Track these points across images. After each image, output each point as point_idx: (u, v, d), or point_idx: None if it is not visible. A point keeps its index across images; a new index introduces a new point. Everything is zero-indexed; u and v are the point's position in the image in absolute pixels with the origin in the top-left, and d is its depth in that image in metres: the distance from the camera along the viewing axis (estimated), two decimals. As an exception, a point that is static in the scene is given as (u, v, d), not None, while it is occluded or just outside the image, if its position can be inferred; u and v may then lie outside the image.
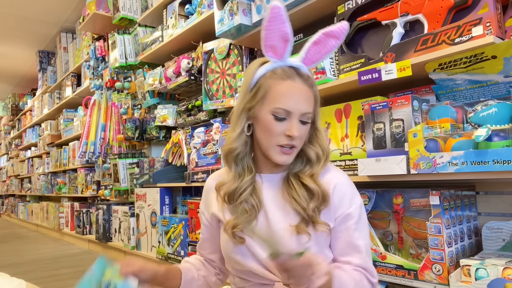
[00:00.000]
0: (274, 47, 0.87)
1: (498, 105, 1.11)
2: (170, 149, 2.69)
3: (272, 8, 0.83)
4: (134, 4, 3.06)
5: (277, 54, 0.88)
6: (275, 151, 0.88)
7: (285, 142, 0.87)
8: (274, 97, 0.87)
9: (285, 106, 0.86)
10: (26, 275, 2.74)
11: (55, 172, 5.43)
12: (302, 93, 0.87)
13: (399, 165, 1.22)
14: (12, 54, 6.00)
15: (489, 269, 1.04)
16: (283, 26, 0.84)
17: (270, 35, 0.85)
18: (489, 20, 1.10)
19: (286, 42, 0.86)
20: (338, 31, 0.86)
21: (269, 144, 0.89)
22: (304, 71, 0.89)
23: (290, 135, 0.86)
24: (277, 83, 0.87)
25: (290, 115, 0.86)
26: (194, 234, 2.24)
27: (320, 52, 0.89)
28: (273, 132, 0.87)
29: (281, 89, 0.86)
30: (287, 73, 0.87)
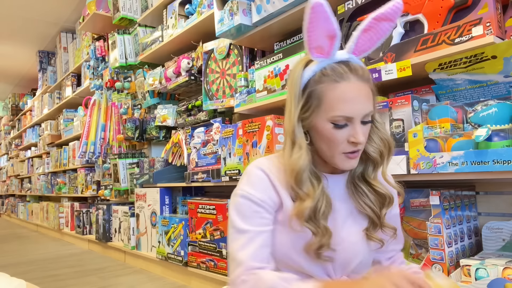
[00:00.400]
0: (320, 47, 0.78)
1: (498, 105, 1.11)
2: (170, 149, 2.69)
3: (313, 6, 0.73)
4: (134, 4, 3.06)
5: (324, 53, 0.78)
6: (340, 159, 0.81)
7: (350, 149, 0.79)
8: (330, 104, 0.77)
9: (344, 113, 0.77)
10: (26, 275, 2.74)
11: (55, 172, 5.43)
12: (360, 93, 0.78)
13: (399, 165, 1.22)
14: (12, 54, 6.00)
15: (489, 269, 1.04)
16: (328, 23, 0.74)
17: (315, 36, 0.76)
18: (489, 20, 1.10)
19: (333, 39, 0.76)
20: (391, 12, 0.77)
21: (333, 153, 0.81)
22: (355, 62, 0.80)
23: (355, 142, 0.78)
24: (331, 88, 0.78)
25: (352, 120, 0.78)
26: (194, 234, 2.24)
27: (372, 39, 0.80)
28: (335, 141, 0.79)
29: (337, 94, 0.77)
30: (339, 72, 0.78)
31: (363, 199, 0.85)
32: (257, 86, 1.87)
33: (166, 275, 2.57)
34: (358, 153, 0.81)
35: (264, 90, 1.83)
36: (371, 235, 0.84)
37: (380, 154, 0.85)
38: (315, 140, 0.83)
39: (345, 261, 0.84)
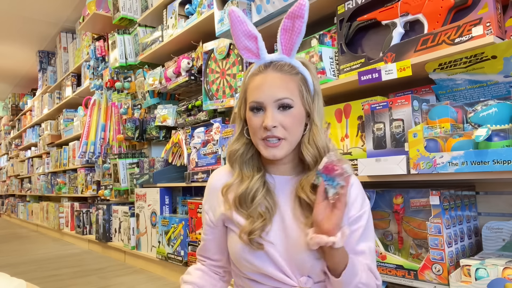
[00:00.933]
0: (247, 48, 0.89)
1: (498, 105, 1.11)
2: (170, 149, 2.69)
3: (229, 13, 0.87)
4: (134, 4, 3.06)
5: (254, 54, 0.89)
6: (261, 146, 0.86)
7: (265, 134, 0.84)
8: (249, 93, 0.88)
9: (255, 98, 0.85)
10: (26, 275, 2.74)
11: (55, 172, 5.43)
12: (274, 81, 0.85)
13: (399, 165, 1.22)
14: (12, 54, 6.00)
15: (489, 269, 1.04)
16: (244, 26, 0.87)
17: (238, 38, 0.89)
18: (489, 20, 1.10)
19: (255, 40, 0.87)
20: (297, 9, 0.83)
21: (255, 140, 0.88)
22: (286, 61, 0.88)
23: (264, 125, 0.83)
24: (252, 80, 0.88)
25: (263, 105, 0.85)
26: (194, 234, 2.24)
27: (291, 38, 0.86)
28: (253, 128, 0.87)
29: (253, 84, 0.87)
30: (261, 68, 0.88)
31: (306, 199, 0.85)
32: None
33: (166, 275, 2.57)
34: (280, 142, 0.84)
35: (264, 90, 1.83)
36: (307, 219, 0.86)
37: (315, 161, 0.86)
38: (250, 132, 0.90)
39: (299, 261, 0.85)
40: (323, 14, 1.69)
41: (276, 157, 0.85)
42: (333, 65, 1.57)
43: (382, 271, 1.34)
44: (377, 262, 1.35)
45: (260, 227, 0.84)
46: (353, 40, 1.51)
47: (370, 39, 1.47)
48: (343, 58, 1.50)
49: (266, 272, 0.86)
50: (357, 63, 1.44)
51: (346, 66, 1.48)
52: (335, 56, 1.57)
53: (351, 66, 1.46)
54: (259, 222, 0.85)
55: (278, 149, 0.85)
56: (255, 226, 0.84)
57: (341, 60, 1.50)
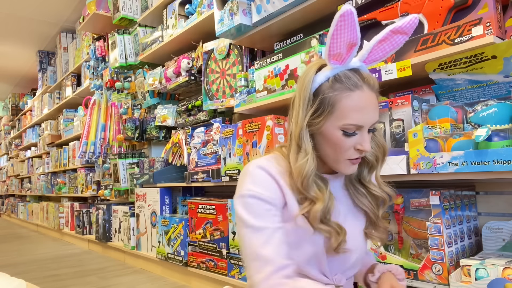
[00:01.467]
0: (339, 54, 0.78)
1: (498, 105, 1.11)
2: (170, 149, 2.69)
3: (343, 14, 0.72)
4: (134, 4, 3.06)
5: (339, 60, 0.79)
6: (345, 164, 0.83)
7: (356, 156, 0.81)
8: (343, 112, 0.78)
9: (356, 122, 0.78)
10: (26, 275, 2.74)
11: (55, 172, 5.43)
12: (371, 103, 0.79)
13: (399, 165, 1.22)
14: (12, 54, 6.00)
15: (489, 269, 1.04)
16: (354, 32, 0.75)
17: (338, 43, 0.76)
18: (489, 20, 1.10)
19: (353, 47, 0.78)
20: (408, 26, 0.78)
21: (338, 158, 0.82)
22: (365, 71, 0.82)
23: (362, 149, 0.80)
24: (345, 96, 0.78)
25: (361, 128, 0.80)
26: (194, 234, 2.24)
27: (385, 49, 0.82)
28: (343, 148, 0.80)
29: (350, 103, 0.78)
30: (353, 81, 0.79)
31: (361, 198, 0.88)
32: (257, 86, 1.87)
33: (166, 275, 2.57)
34: (360, 158, 0.84)
35: (264, 90, 1.83)
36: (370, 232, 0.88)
37: (376, 159, 0.88)
38: (320, 144, 0.83)
39: (343, 259, 0.86)
40: (323, 14, 1.69)
41: (354, 172, 0.86)
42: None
43: (382, 271, 1.34)
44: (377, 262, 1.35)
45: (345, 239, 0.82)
46: (353, 40, 1.51)
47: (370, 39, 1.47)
48: (343, 58, 1.49)
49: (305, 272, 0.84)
50: (357, 63, 1.44)
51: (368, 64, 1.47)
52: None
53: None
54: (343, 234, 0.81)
55: (357, 165, 0.85)
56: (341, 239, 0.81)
57: (341, 60, 1.50)
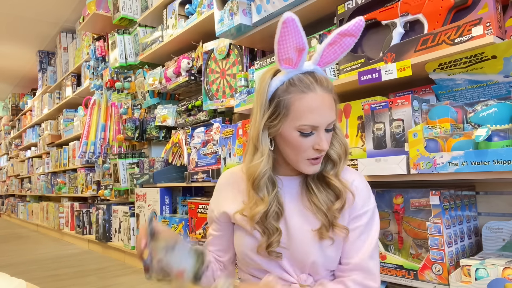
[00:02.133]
0: (289, 59, 0.82)
1: (498, 105, 1.11)
2: (170, 149, 2.69)
3: (285, 21, 0.77)
4: (134, 4, 3.06)
5: (291, 64, 0.83)
6: (305, 164, 0.86)
7: (314, 155, 0.85)
8: (297, 113, 0.82)
9: (311, 122, 0.81)
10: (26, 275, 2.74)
11: (55, 172, 5.43)
12: (325, 103, 0.82)
13: (399, 165, 1.22)
14: (12, 54, 6.00)
15: (489, 269, 1.04)
16: (298, 37, 0.79)
17: (285, 49, 0.80)
18: (489, 20, 1.10)
19: (302, 52, 0.81)
20: (354, 28, 0.82)
21: (297, 159, 0.86)
22: (320, 73, 0.85)
23: (319, 149, 0.83)
24: (298, 98, 0.82)
25: (317, 128, 0.83)
26: (194, 234, 2.24)
27: (335, 52, 0.85)
28: (301, 148, 0.84)
29: (304, 104, 0.81)
30: (306, 83, 0.82)
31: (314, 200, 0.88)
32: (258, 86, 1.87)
33: (166, 275, 2.57)
34: (321, 158, 0.87)
35: (264, 90, 1.83)
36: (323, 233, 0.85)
37: (339, 157, 0.90)
38: (281, 146, 0.88)
39: (299, 259, 0.87)
40: (323, 14, 1.69)
41: (316, 171, 0.88)
42: (333, 65, 1.57)
43: (382, 271, 1.34)
44: (377, 262, 1.35)
45: (278, 240, 0.85)
46: (353, 40, 1.51)
47: (370, 39, 1.47)
48: (343, 58, 1.48)
49: (267, 269, 0.89)
50: (357, 63, 1.44)
51: (346, 66, 1.48)
52: (335, 56, 1.56)
53: (351, 66, 1.46)
54: (276, 235, 0.85)
55: (318, 165, 0.88)
56: (273, 240, 0.85)
57: (341, 60, 1.50)
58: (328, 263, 0.88)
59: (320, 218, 0.86)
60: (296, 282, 0.87)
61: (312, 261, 0.86)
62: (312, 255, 0.85)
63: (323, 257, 0.86)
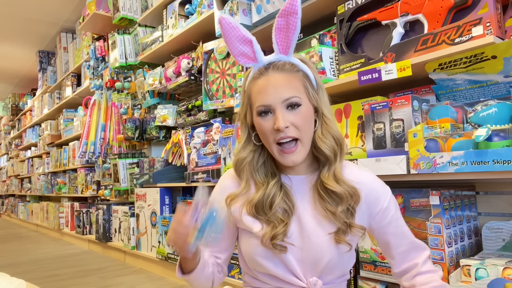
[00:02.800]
0: (243, 53, 0.87)
1: (498, 105, 1.11)
2: (170, 149, 2.69)
3: (220, 21, 0.85)
4: (134, 4, 3.06)
5: (250, 58, 0.87)
6: (277, 153, 0.84)
7: (278, 136, 0.82)
8: (253, 99, 0.86)
9: (262, 102, 0.83)
10: (26, 275, 2.74)
11: (55, 172, 5.43)
12: (278, 81, 0.83)
13: (399, 165, 1.22)
14: (12, 54, 6.00)
15: (489, 269, 1.04)
16: (237, 31, 0.85)
17: (232, 44, 0.87)
18: (489, 20, 1.10)
19: (250, 44, 0.86)
20: (290, 6, 0.82)
21: (269, 146, 0.85)
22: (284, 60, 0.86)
23: (277, 127, 0.81)
24: (254, 84, 0.86)
25: (271, 107, 0.83)
26: (194, 234, 2.23)
27: (287, 36, 0.85)
28: (265, 132, 0.84)
29: (256, 88, 0.85)
30: (261, 71, 0.86)
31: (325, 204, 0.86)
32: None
33: (166, 275, 2.57)
34: (296, 145, 0.83)
35: (264, 90, 1.83)
36: (339, 238, 0.84)
37: (334, 152, 0.87)
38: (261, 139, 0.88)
39: (312, 261, 0.85)
40: (323, 14, 1.69)
41: (296, 162, 0.84)
42: (333, 65, 1.57)
43: (382, 271, 1.34)
44: (377, 262, 1.35)
45: (283, 231, 0.83)
46: (353, 40, 1.51)
47: (370, 39, 1.47)
48: (343, 58, 1.50)
49: (276, 274, 0.86)
50: (357, 63, 1.44)
51: (346, 66, 1.48)
52: (335, 56, 1.57)
53: (351, 66, 1.46)
54: (281, 226, 0.83)
55: (295, 154, 0.83)
56: (277, 231, 0.83)
57: (341, 60, 1.50)
58: (342, 265, 0.87)
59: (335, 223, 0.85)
60: (305, 286, 0.85)
61: (326, 262, 0.84)
62: (326, 257, 0.84)
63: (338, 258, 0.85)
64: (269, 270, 0.86)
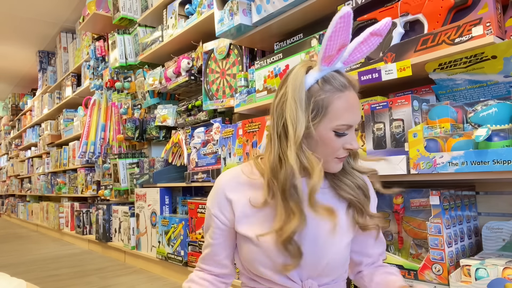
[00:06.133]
0: (331, 56, 0.80)
1: (498, 105, 1.11)
2: (170, 149, 2.69)
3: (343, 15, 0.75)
4: (134, 4, 3.06)
5: (330, 62, 0.81)
6: (334, 163, 0.85)
7: (344, 154, 0.84)
8: (336, 113, 0.80)
9: (348, 122, 0.81)
10: (26, 275, 2.74)
11: (55, 172, 5.43)
12: (357, 103, 0.83)
13: (399, 165, 1.22)
14: (12, 54, 6.00)
15: (489, 269, 1.04)
16: (348, 34, 0.78)
17: (334, 45, 0.78)
18: (489, 20, 1.10)
19: (342, 49, 0.80)
20: (384, 28, 0.83)
21: (327, 159, 0.84)
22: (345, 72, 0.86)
23: (351, 148, 0.83)
24: (336, 97, 0.80)
25: (350, 128, 0.83)
26: (194, 234, 2.24)
27: (362, 51, 0.85)
28: (334, 148, 0.82)
29: (342, 104, 0.80)
30: (342, 82, 0.81)
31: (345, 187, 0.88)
32: (257, 86, 1.87)
33: (166, 275, 2.57)
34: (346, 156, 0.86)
35: (264, 90, 1.83)
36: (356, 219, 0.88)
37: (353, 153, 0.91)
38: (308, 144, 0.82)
39: (312, 263, 0.84)
40: (323, 14, 1.69)
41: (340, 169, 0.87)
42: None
43: (382, 271, 1.34)
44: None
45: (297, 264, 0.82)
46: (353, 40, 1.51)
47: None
48: (343, 58, 1.49)
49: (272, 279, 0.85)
50: (357, 63, 1.44)
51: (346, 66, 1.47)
52: (335, 56, 1.56)
53: (351, 66, 1.46)
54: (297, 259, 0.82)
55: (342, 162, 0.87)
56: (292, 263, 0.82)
57: (341, 60, 1.50)
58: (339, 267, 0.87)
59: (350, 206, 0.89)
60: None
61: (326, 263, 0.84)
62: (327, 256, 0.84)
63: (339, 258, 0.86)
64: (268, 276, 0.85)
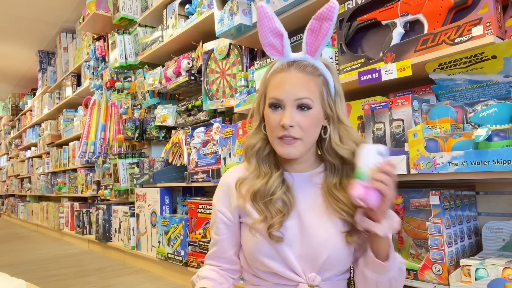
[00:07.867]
0: (272, 45, 0.89)
1: (498, 105, 1.11)
2: (170, 149, 2.69)
3: (258, 8, 0.88)
4: (134, 4, 3.06)
5: (278, 51, 0.90)
6: (277, 144, 0.87)
7: (281, 133, 0.85)
8: (270, 90, 0.89)
9: (276, 95, 0.86)
10: (26, 275, 2.74)
11: (55, 172, 5.43)
12: (296, 80, 0.86)
13: (399, 165, 1.22)
14: (12, 54, 6.00)
15: (489, 269, 1.04)
16: (271, 22, 0.87)
17: (263, 34, 0.89)
18: (489, 20, 1.10)
19: (281, 37, 0.88)
20: (327, 11, 0.83)
21: (271, 138, 0.88)
22: (309, 62, 0.88)
23: (282, 124, 0.84)
24: (274, 77, 0.89)
25: (283, 103, 0.86)
26: (194, 234, 2.24)
27: (317, 39, 0.86)
28: (271, 125, 0.87)
29: (275, 81, 0.88)
30: (284, 66, 0.88)
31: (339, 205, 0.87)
32: (257, 86, 1.87)
33: (166, 275, 2.57)
34: (296, 141, 0.86)
35: (264, 90, 1.83)
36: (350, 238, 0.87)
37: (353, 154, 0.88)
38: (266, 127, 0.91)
39: (311, 257, 0.86)
40: (323, 14, 1.69)
41: (291, 155, 0.87)
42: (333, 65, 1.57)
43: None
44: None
45: (280, 221, 0.85)
46: (353, 40, 1.51)
47: (370, 39, 1.47)
48: (343, 58, 1.50)
49: (275, 270, 0.87)
50: (357, 63, 1.44)
51: (346, 66, 1.47)
52: (335, 56, 1.57)
53: (351, 66, 1.46)
54: (279, 217, 0.86)
55: (293, 147, 0.86)
56: (274, 221, 0.85)
57: (341, 60, 1.50)
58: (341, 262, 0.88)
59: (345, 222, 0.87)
60: (304, 282, 0.86)
61: (326, 258, 0.85)
62: (326, 251, 0.85)
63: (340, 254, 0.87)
64: (269, 267, 0.87)
